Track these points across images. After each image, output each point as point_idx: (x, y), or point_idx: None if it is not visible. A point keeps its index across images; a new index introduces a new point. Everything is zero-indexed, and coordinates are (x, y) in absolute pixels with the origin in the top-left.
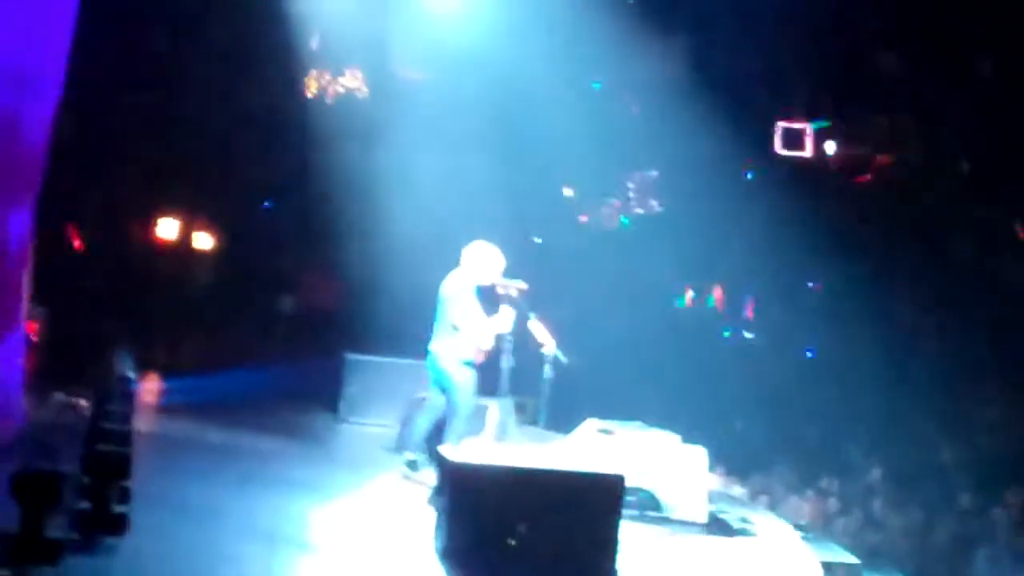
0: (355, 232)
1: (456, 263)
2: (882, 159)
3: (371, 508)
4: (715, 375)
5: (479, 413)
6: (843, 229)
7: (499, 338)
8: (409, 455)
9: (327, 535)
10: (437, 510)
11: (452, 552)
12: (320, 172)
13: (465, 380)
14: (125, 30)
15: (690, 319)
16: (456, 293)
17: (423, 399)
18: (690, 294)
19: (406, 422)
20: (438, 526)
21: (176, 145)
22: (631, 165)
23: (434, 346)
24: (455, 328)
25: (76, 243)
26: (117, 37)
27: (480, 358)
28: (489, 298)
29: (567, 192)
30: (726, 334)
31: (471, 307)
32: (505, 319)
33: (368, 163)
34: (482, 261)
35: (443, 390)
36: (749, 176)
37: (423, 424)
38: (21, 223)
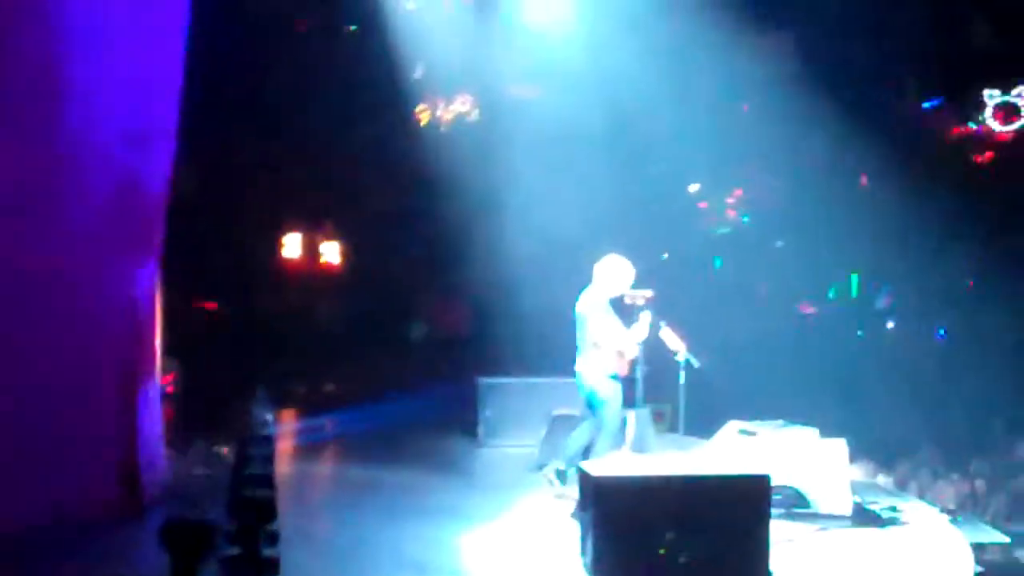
0: (480, 254)
1: (585, 279)
2: (1002, 135)
3: (518, 530)
4: (851, 367)
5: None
6: (970, 210)
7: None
8: (558, 464)
9: (477, 561)
10: (582, 526)
11: (602, 566)
12: (442, 199)
13: (611, 394)
14: (233, 75)
15: (823, 314)
16: (591, 310)
17: (562, 416)
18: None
19: (546, 440)
20: (585, 541)
21: (296, 184)
22: (749, 163)
23: (579, 365)
24: (596, 345)
25: (208, 305)
26: (231, 83)
27: (624, 370)
28: (622, 308)
29: (691, 189)
30: (860, 334)
31: (608, 321)
32: (642, 327)
33: (488, 185)
34: (613, 275)
35: (589, 406)
36: (864, 182)
37: (579, 440)
38: (148, 277)
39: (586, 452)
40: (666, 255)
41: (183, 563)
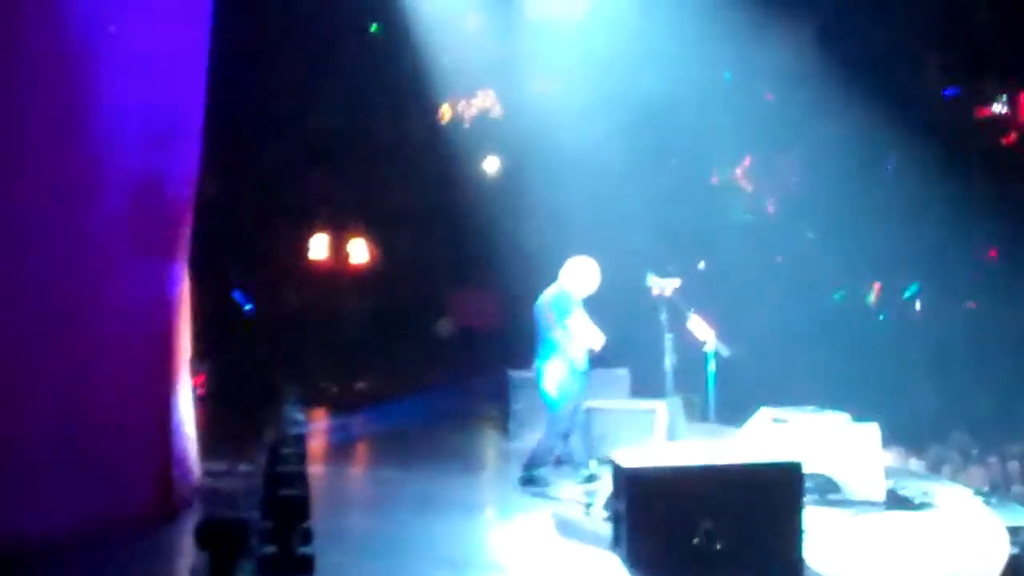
0: (507, 249)
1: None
2: None
3: (550, 523)
4: (879, 353)
5: (646, 416)
6: (994, 191)
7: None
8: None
9: (510, 555)
10: (616, 517)
11: (636, 556)
12: (467, 195)
13: (554, 388)
14: (257, 76)
15: (847, 304)
16: (548, 307)
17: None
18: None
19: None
20: (619, 533)
21: (322, 184)
22: (771, 152)
23: (537, 360)
24: (553, 341)
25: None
26: (256, 85)
27: (580, 364)
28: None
29: (714, 180)
30: (881, 317)
31: (566, 319)
32: (596, 338)
33: (512, 180)
34: (578, 277)
35: (543, 401)
36: (890, 167)
37: (576, 438)
38: (176, 279)
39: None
40: (702, 264)
41: (219, 562)
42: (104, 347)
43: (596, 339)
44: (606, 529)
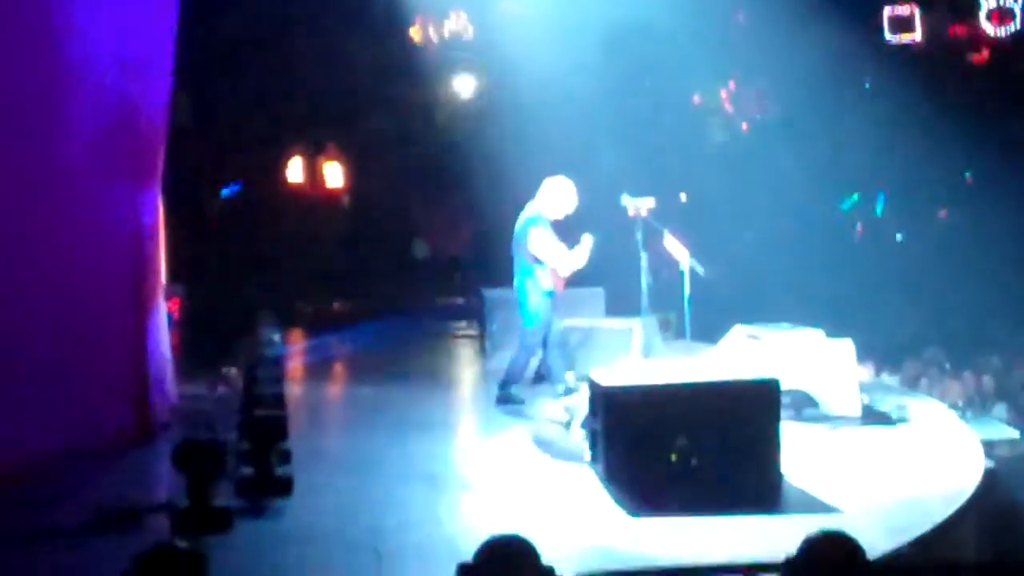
0: (481, 173)
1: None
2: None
3: (526, 439)
4: (854, 270)
5: (623, 335)
6: (969, 113)
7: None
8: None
9: (487, 472)
10: (592, 433)
11: (613, 473)
12: (441, 118)
13: (540, 310)
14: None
15: (823, 221)
16: (530, 227)
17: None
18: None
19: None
20: (595, 449)
21: (296, 108)
22: (748, 75)
23: (516, 280)
24: (535, 260)
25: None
26: (229, 10)
27: (559, 287)
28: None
29: (696, 100)
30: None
31: (547, 238)
32: (583, 252)
33: (486, 103)
34: (555, 197)
35: (521, 319)
36: (867, 86)
37: (550, 357)
38: (150, 205)
39: (554, 363)
40: (684, 195)
41: (197, 483)
42: (80, 272)
43: (573, 261)
44: (583, 446)
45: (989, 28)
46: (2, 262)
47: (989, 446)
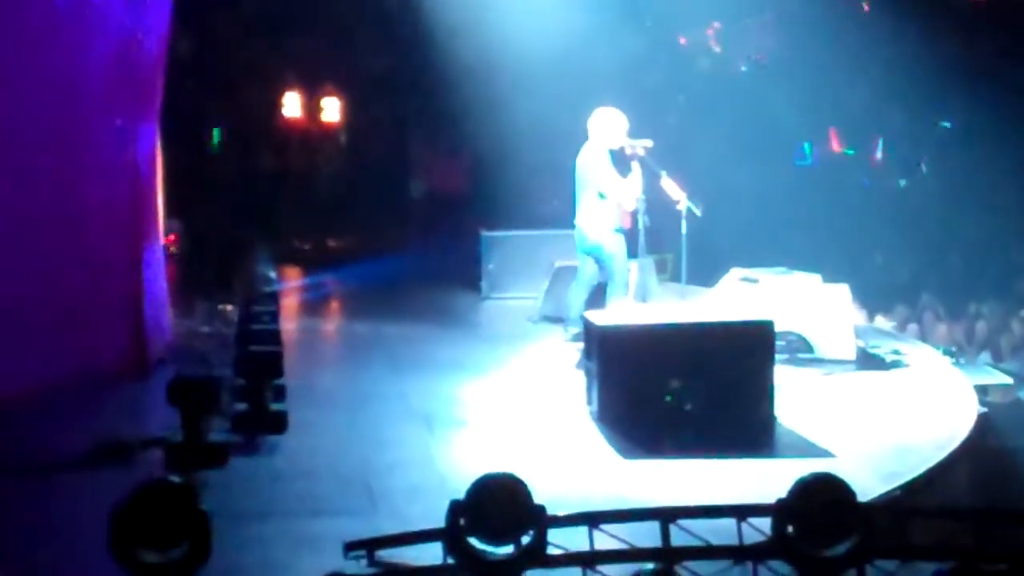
0: (480, 110)
1: (583, 133)
2: None
3: (522, 380)
4: (850, 213)
5: None
6: (967, 55)
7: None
8: (572, 329)
9: (482, 411)
10: (588, 375)
11: (608, 414)
12: (439, 54)
13: (617, 246)
14: None
15: (819, 165)
16: (592, 163)
17: (565, 268)
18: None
19: (549, 291)
20: (591, 391)
21: (295, 44)
22: (743, 9)
23: (579, 220)
24: (602, 196)
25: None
26: None
27: (627, 222)
28: (623, 159)
29: (682, 41)
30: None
31: (610, 173)
32: (636, 177)
33: (484, 40)
34: (607, 126)
35: (596, 260)
36: (866, 8)
37: (579, 296)
38: (148, 138)
39: (594, 305)
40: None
41: (192, 418)
42: (78, 205)
43: (632, 191)
44: (580, 386)
45: None
46: (16, 195)
47: (982, 391)
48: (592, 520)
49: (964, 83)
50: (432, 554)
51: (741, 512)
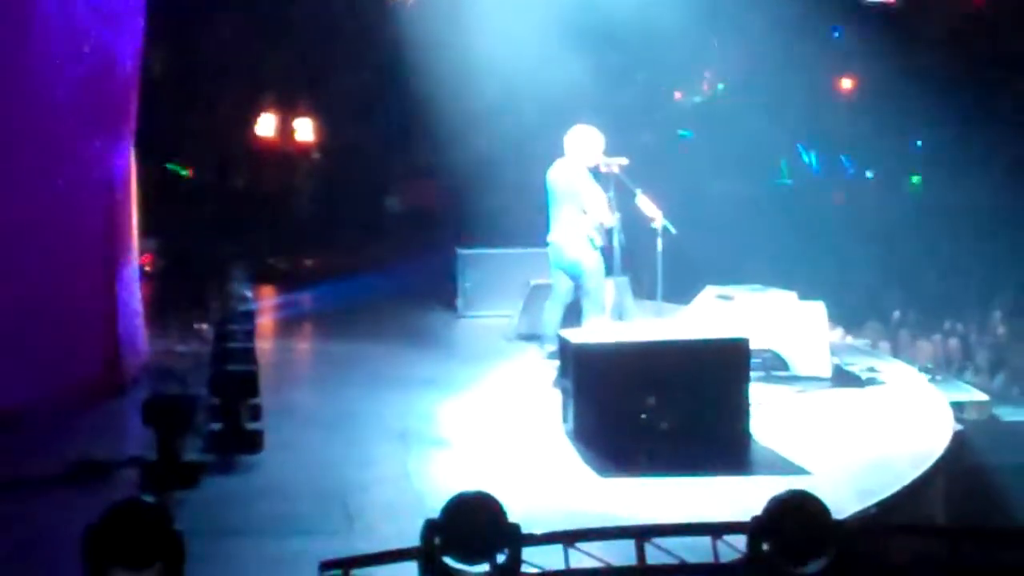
0: (454, 130)
1: (559, 151)
2: None
3: (498, 398)
4: (825, 232)
5: None
6: (937, 73)
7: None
8: (548, 347)
9: (458, 429)
10: (563, 393)
11: (583, 432)
12: (414, 75)
13: (594, 263)
14: None
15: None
16: (576, 180)
17: (541, 286)
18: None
19: (525, 309)
20: (566, 409)
21: (268, 62)
22: (717, 29)
23: (554, 236)
24: (585, 213)
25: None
26: None
27: (600, 239)
28: (597, 177)
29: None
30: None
31: (595, 190)
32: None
33: (460, 62)
34: (584, 144)
35: (573, 277)
36: (836, 35)
37: (554, 313)
38: (123, 157)
39: (571, 323)
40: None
41: (167, 438)
42: (51, 225)
43: (608, 214)
44: (556, 404)
45: None
46: None
47: (958, 408)
48: (567, 538)
49: (938, 101)
50: (407, 573)
51: (716, 530)
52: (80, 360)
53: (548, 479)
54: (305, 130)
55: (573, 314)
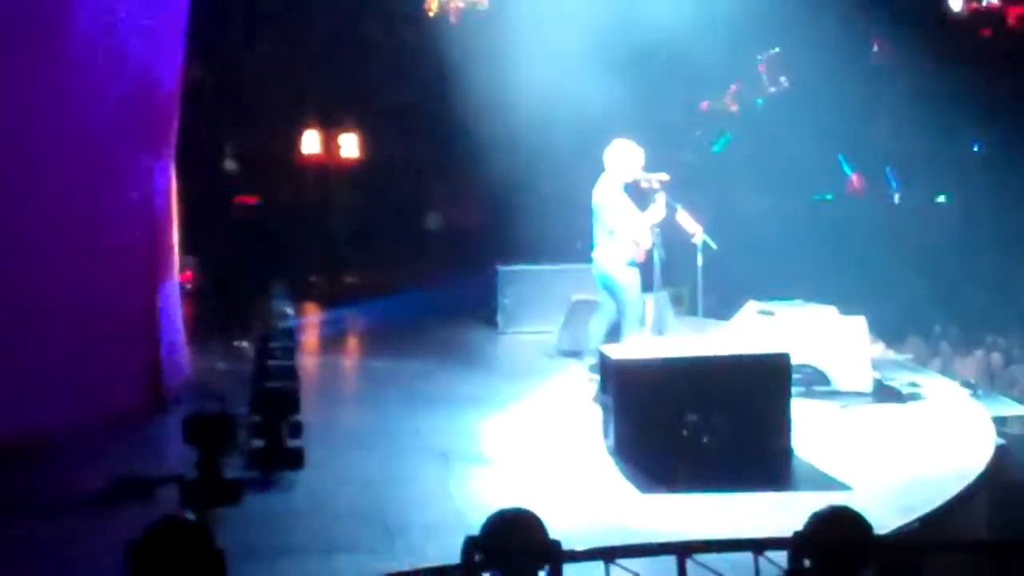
0: (497, 145)
1: (599, 167)
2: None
3: (539, 415)
4: (867, 247)
5: None
6: (981, 88)
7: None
8: (590, 360)
9: (499, 446)
10: (604, 409)
11: (624, 448)
12: (456, 90)
13: (629, 281)
14: None
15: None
16: (606, 197)
17: (581, 301)
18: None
19: (566, 326)
20: (607, 425)
21: (312, 79)
22: (755, 46)
23: (596, 253)
24: (611, 232)
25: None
26: None
27: (641, 256)
28: (638, 192)
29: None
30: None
31: (623, 207)
32: (658, 209)
33: (499, 78)
34: (622, 159)
35: (609, 293)
36: (875, 49)
37: (598, 329)
38: (164, 174)
39: (612, 338)
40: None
41: (208, 456)
42: (94, 243)
43: (647, 230)
44: (597, 420)
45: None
46: (15, 234)
47: (1000, 422)
48: (608, 555)
49: (982, 115)
50: None
51: (758, 545)
52: (122, 378)
53: (589, 495)
54: (350, 146)
55: (613, 330)
